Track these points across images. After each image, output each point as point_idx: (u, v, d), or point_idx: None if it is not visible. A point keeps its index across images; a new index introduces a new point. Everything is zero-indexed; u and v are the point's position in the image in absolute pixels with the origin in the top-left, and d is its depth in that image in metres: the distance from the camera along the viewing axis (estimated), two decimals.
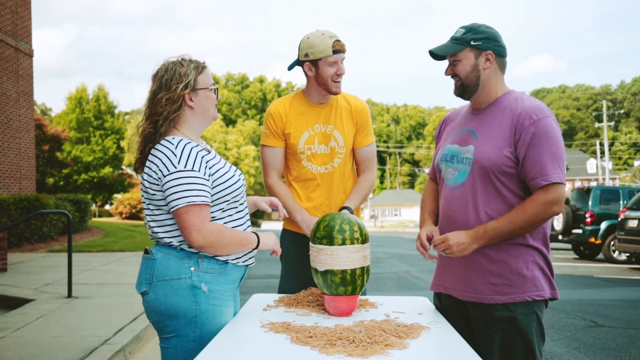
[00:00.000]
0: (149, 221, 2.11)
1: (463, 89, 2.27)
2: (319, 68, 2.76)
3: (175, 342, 2.04)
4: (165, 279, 2.03)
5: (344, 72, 2.79)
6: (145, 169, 2.08)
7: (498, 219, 2.13)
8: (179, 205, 1.97)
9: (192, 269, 2.04)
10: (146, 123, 2.12)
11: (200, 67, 2.16)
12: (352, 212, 2.76)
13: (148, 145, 2.10)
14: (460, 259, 2.24)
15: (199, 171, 2.01)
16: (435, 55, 2.29)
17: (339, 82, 2.80)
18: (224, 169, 2.15)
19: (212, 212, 2.08)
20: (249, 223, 2.26)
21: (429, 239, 2.28)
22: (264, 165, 2.94)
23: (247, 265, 2.23)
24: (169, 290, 2.02)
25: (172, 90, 2.09)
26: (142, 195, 2.12)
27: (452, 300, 2.33)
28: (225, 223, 2.12)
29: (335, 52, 2.73)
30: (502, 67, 2.27)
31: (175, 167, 1.98)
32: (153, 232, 2.11)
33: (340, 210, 2.80)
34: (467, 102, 2.44)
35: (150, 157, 2.07)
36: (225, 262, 2.11)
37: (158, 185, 2.02)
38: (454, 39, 2.24)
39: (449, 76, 2.30)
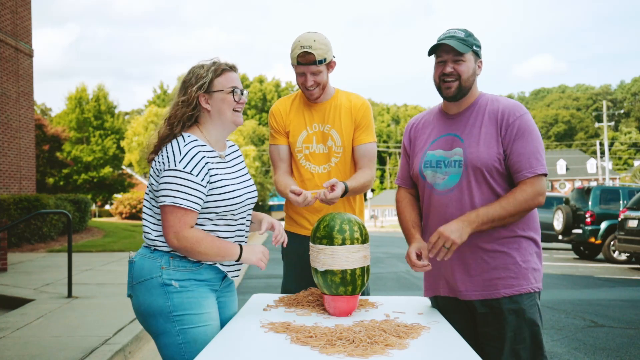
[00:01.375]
0: (144, 212, 2.15)
1: (459, 90, 2.26)
2: (294, 72, 2.77)
3: (163, 339, 2.07)
4: (141, 281, 2.08)
5: (309, 85, 2.71)
6: (153, 164, 2.13)
7: (489, 205, 2.17)
8: (165, 203, 2.01)
9: (163, 267, 2.06)
10: (164, 123, 2.17)
11: (220, 70, 2.15)
12: (347, 189, 2.64)
13: (162, 141, 2.14)
14: (459, 260, 2.26)
15: (196, 175, 2.01)
16: (432, 50, 2.27)
17: (312, 91, 2.74)
18: (230, 180, 2.13)
19: (199, 218, 2.09)
20: (241, 238, 2.22)
21: (419, 256, 2.29)
22: (271, 164, 2.97)
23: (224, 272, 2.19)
24: (144, 290, 2.07)
25: (187, 92, 2.13)
26: (147, 187, 2.16)
27: (450, 300, 2.34)
28: (209, 232, 2.11)
29: (299, 63, 2.68)
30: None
31: (175, 165, 2.01)
32: (144, 226, 2.14)
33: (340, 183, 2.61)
34: (433, 108, 2.50)
35: (160, 152, 2.11)
36: (199, 262, 2.11)
37: (159, 177, 2.07)
38: (460, 40, 2.23)
39: (443, 75, 2.26)
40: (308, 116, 2.85)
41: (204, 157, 2.06)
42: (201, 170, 2.03)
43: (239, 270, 2.25)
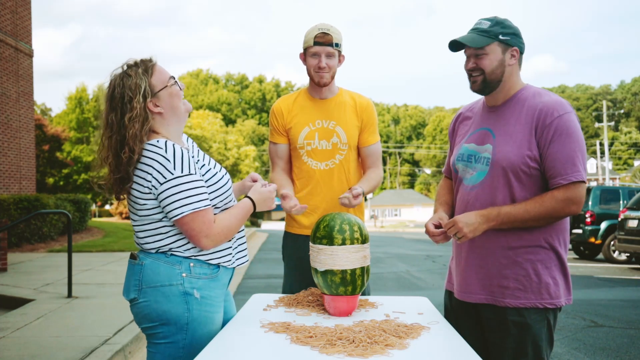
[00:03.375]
0: (137, 231, 2.03)
1: (485, 85, 2.17)
2: (306, 58, 2.79)
3: (164, 348, 1.98)
4: (156, 286, 1.96)
5: (323, 66, 2.73)
6: (135, 179, 1.94)
7: (514, 205, 2.08)
8: (184, 213, 1.90)
9: (184, 275, 1.98)
10: (109, 151, 1.94)
11: (149, 69, 1.99)
12: (364, 194, 2.69)
13: (129, 167, 1.93)
14: (472, 259, 2.22)
15: (195, 174, 1.94)
16: (455, 46, 2.18)
17: (323, 73, 2.76)
18: (212, 170, 2.09)
19: None
20: None
21: (437, 227, 2.24)
22: (270, 160, 3.00)
23: (233, 268, 2.19)
24: (160, 296, 1.96)
25: (133, 107, 1.92)
26: (132, 207, 2.01)
27: (461, 302, 2.31)
28: None
29: (316, 43, 2.71)
30: (520, 63, 2.24)
31: (172, 174, 1.89)
32: (139, 240, 2.03)
33: (350, 189, 2.66)
34: (481, 98, 2.36)
35: (139, 166, 1.93)
36: (217, 266, 2.07)
37: (150, 194, 1.93)
38: (481, 31, 2.14)
39: (467, 70, 2.19)
40: (311, 113, 2.86)
41: (187, 153, 1.96)
42: (195, 166, 1.96)
43: (246, 255, 2.25)
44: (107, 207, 40.64)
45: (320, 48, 2.72)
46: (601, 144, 58.50)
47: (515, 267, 2.12)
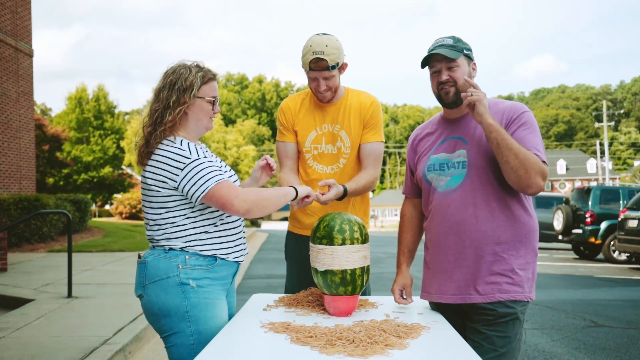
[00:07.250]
0: (151, 223, 2.14)
1: (457, 96, 2.26)
2: (306, 75, 2.77)
3: (174, 339, 2.09)
4: (156, 280, 2.09)
5: (322, 90, 2.70)
6: (149, 168, 2.10)
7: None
8: (209, 187, 2.03)
9: (180, 266, 2.08)
10: (149, 120, 2.17)
11: (207, 78, 2.18)
12: (346, 192, 2.62)
13: (150, 142, 2.13)
14: (456, 263, 2.24)
15: (205, 158, 2.10)
16: (425, 62, 2.29)
17: (324, 95, 2.73)
18: (222, 169, 2.21)
19: (209, 206, 2.13)
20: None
21: (401, 293, 2.41)
22: (278, 160, 2.94)
23: (238, 262, 2.24)
24: (159, 290, 2.08)
25: (178, 96, 2.13)
26: (145, 195, 2.14)
27: (443, 305, 2.32)
28: (220, 216, 2.18)
29: (312, 69, 2.67)
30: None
31: (189, 158, 2.05)
32: (152, 233, 2.14)
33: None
34: (434, 117, 2.52)
35: (155, 157, 2.10)
36: (214, 257, 2.14)
37: (167, 184, 2.07)
38: (450, 46, 2.25)
39: (440, 83, 2.27)
40: (318, 116, 2.84)
41: (201, 148, 2.17)
42: (206, 155, 2.14)
43: (246, 250, 2.32)
44: (107, 207, 40.65)
45: (317, 73, 2.67)
46: (601, 144, 58.49)
47: (502, 263, 2.20)
